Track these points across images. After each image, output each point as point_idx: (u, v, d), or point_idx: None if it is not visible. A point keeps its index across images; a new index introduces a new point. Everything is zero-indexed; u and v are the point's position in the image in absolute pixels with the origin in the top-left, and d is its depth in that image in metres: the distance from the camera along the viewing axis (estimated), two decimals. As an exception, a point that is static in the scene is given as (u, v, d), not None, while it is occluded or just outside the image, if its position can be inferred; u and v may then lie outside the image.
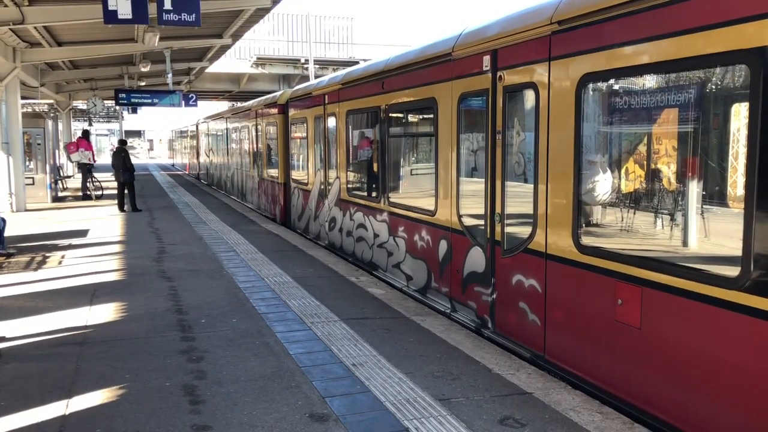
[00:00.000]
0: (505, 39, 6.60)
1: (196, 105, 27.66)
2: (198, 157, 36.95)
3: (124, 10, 10.72)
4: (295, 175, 15.64)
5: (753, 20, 3.98)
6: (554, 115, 5.86)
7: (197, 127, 36.53)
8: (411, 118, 9.80)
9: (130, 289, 9.11)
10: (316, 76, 30.87)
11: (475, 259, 7.29)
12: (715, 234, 4.82)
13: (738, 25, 4.08)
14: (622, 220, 5.58)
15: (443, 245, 8.07)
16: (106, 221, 16.85)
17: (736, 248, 4.14)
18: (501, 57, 6.70)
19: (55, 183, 24.78)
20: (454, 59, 7.64)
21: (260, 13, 17.56)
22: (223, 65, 33.71)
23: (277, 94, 17.81)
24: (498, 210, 6.79)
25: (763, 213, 3.98)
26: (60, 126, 34.84)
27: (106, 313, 7.86)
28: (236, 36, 20.72)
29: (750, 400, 4.14)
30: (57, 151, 27.95)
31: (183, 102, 25.39)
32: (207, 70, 31.04)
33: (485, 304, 7.13)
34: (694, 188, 4.87)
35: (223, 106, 46.26)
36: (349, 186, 11.68)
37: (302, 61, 36.30)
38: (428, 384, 5.53)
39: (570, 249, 5.67)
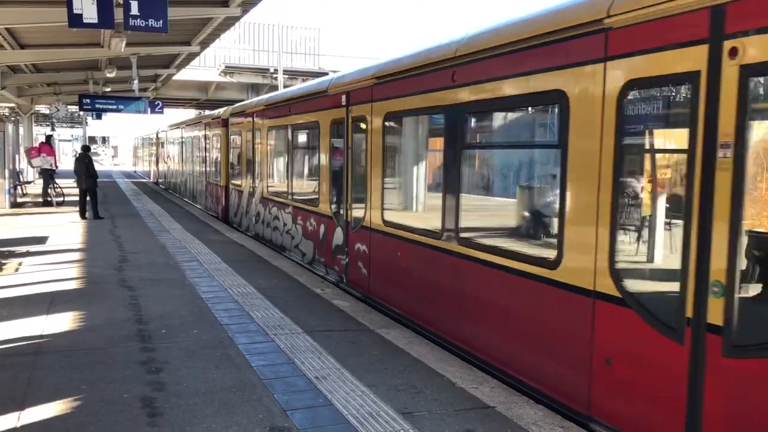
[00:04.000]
0: (352, 85, 9.66)
1: (162, 112, 27.25)
2: (158, 164, 39.34)
3: (90, 14, 10.49)
4: (233, 179, 18.70)
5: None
6: (373, 138, 8.94)
7: (157, 135, 38.63)
8: (305, 136, 12.76)
9: (89, 298, 8.92)
10: (285, 86, 30.85)
11: (338, 235, 10.35)
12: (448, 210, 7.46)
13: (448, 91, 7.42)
14: (407, 203, 8.88)
15: (322, 228, 11.10)
16: (66, 228, 16.50)
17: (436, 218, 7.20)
18: (351, 97, 9.67)
19: (15, 188, 24.22)
20: (329, 95, 10.57)
21: (229, 21, 17.44)
22: (190, 73, 33.42)
23: (222, 110, 20.47)
24: (349, 201, 9.83)
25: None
26: (21, 130, 34.14)
27: (63, 322, 7.67)
28: (204, 44, 20.54)
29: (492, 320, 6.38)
30: (17, 156, 27.35)
31: (149, 109, 25.01)
32: (174, 78, 30.69)
33: (342, 266, 10.23)
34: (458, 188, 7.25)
35: (190, 114, 45.83)
36: (269, 187, 14.71)
37: (271, 70, 36.17)
38: (392, 397, 5.50)
39: (380, 224, 8.75)
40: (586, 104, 5.06)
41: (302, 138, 12.85)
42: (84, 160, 18.89)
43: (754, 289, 4.30)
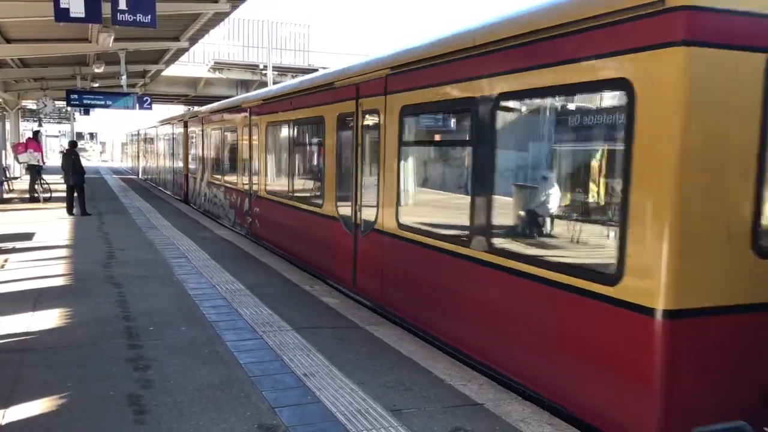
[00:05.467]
0: (253, 102, 14.50)
1: (150, 108, 27.10)
2: (138, 158, 43.92)
3: (77, 9, 10.38)
4: (191, 169, 23.46)
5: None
6: (261, 137, 13.70)
7: (138, 132, 42.20)
8: (231, 135, 16.90)
9: (77, 294, 8.85)
10: (275, 83, 30.81)
11: (246, 202, 15.04)
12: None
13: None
14: (275, 179, 13.29)
15: (239, 200, 15.82)
16: (53, 225, 16.38)
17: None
18: (252, 111, 14.37)
19: (1, 184, 24.02)
20: (242, 107, 15.28)
21: (218, 17, 17.36)
22: (179, 69, 33.26)
23: (186, 113, 26.30)
24: (251, 179, 14.48)
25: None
26: (8, 126, 33.82)
27: (50, 319, 7.61)
28: (193, 39, 20.44)
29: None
30: (3, 152, 27.10)
31: (137, 105, 24.84)
32: (163, 73, 30.54)
33: (248, 224, 14.98)
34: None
35: (179, 110, 45.65)
36: (210, 173, 19.71)
37: (260, 67, 36.07)
38: (380, 394, 5.50)
39: (265, 192, 13.52)
40: (329, 124, 9.85)
41: (229, 136, 17.26)
42: (71, 156, 18.76)
43: (366, 209, 8.70)
